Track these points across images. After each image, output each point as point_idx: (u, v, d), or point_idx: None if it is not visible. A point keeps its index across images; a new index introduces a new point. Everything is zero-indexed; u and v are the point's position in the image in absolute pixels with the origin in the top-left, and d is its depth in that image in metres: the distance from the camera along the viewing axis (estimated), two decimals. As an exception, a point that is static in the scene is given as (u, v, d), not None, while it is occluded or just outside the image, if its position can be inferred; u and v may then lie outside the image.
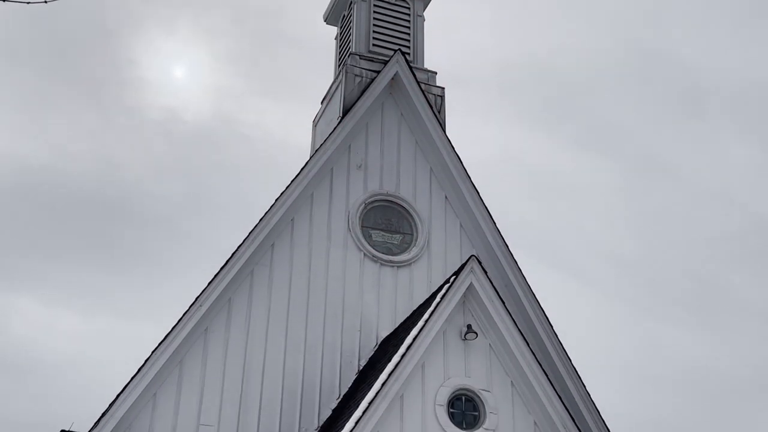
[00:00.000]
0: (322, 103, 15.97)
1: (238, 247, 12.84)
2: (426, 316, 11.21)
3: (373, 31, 15.61)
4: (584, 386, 13.54)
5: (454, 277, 11.65)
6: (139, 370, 11.69)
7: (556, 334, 13.79)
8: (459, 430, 11.01)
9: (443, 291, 11.46)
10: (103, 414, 11.31)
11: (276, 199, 13.37)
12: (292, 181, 13.61)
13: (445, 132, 14.81)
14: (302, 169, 13.76)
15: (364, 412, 10.42)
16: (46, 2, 6.42)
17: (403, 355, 10.89)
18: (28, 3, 6.40)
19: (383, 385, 10.64)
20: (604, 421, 13.33)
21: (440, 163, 14.66)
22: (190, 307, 12.26)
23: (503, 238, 14.28)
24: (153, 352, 11.83)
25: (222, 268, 12.64)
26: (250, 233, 13.02)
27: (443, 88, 15.39)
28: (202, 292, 12.41)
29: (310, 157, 14.02)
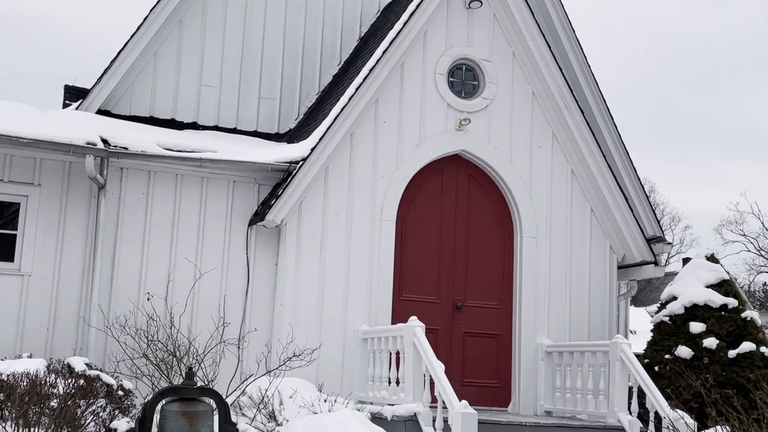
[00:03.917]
0: None
1: None
2: (430, -18, 10.89)
3: None
4: (585, 58, 13.48)
5: (461, -59, 11.15)
6: (138, 28, 11.54)
7: (562, 3, 13.47)
8: (458, 98, 11.16)
9: (450, -44, 11.03)
10: (106, 70, 11.36)
11: None
12: None
13: None
14: None
15: (364, 79, 10.49)
16: None
17: (405, 23, 10.74)
18: None
19: (384, 52, 10.62)
20: (602, 93, 13.43)
21: None
22: (186, -35, 11.86)
23: None
24: (151, 11, 11.61)
25: (218, -76, 12.04)
26: None
27: None
28: (197, -51, 11.93)
29: None
